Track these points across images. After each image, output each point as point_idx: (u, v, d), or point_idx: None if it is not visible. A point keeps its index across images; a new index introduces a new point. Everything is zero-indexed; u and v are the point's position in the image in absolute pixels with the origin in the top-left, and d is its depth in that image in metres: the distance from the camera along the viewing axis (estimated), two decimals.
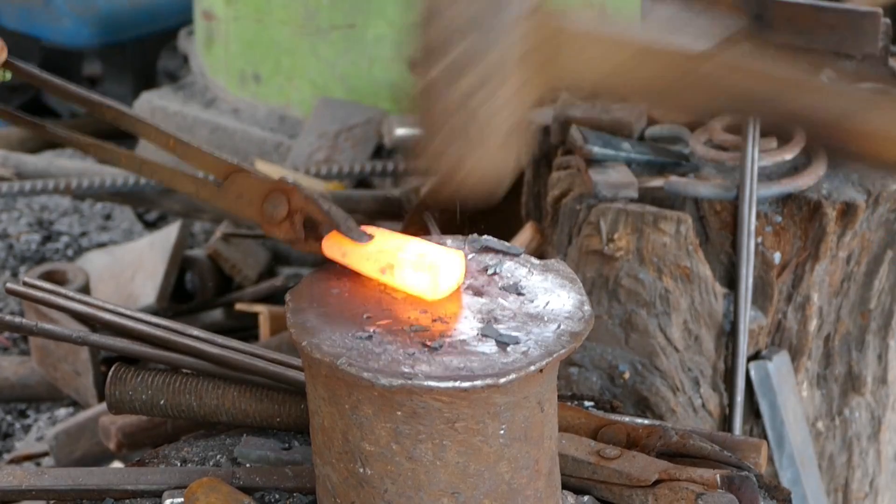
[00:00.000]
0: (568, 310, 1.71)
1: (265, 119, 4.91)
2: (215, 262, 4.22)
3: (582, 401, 2.18)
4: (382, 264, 1.74)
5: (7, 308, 4.36)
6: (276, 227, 1.82)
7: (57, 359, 3.78)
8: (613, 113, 2.77)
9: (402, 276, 1.73)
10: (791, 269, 2.64)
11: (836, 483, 2.82)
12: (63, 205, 5.04)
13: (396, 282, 1.73)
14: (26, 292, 2.11)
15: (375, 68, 4.71)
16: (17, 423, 3.90)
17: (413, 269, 1.72)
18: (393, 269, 1.73)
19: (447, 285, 1.73)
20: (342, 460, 1.69)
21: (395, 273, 1.73)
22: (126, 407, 2.06)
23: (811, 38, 2.85)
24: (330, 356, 1.61)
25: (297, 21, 4.76)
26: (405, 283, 1.73)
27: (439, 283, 1.71)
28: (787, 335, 2.69)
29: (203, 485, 1.81)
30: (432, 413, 1.62)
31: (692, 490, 1.83)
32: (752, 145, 2.58)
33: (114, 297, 4.02)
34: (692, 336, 2.64)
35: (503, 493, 1.69)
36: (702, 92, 1.78)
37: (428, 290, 1.71)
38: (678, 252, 2.59)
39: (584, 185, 2.67)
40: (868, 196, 2.61)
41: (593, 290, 2.65)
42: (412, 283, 1.72)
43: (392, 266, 1.73)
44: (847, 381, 2.76)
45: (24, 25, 5.70)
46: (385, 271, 1.73)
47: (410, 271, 1.72)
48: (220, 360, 2.04)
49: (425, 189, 3.87)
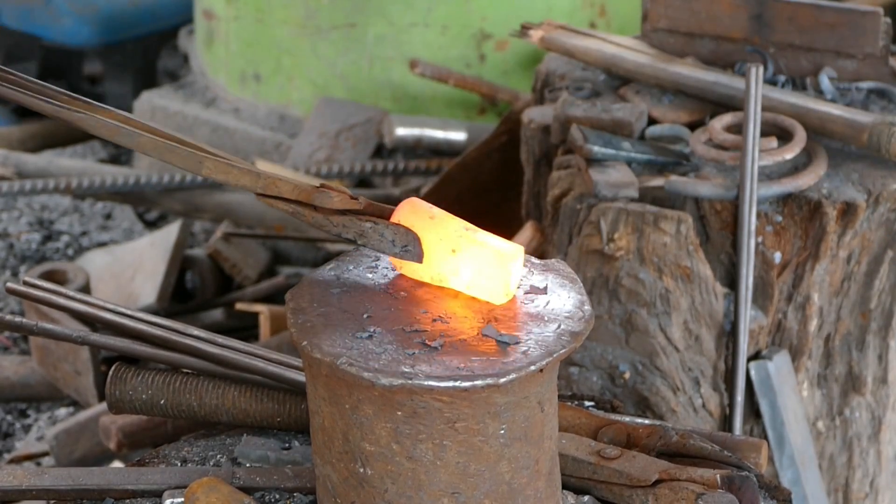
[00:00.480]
0: (568, 309, 1.71)
1: (265, 118, 4.91)
2: (216, 262, 4.22)
3: (582, 401, 2.18)
4: (443, 277, 1.73)
5: (7, 308, 4.36)
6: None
7: (57, 358, 3.78)
8: (614, 112, 2.77)
9: (473, 281, 1.72)
10: (791, 268, 2.64)
11: (836, 483, 2.82)
12: (63, 204, 5.04)
13: (466, 287, 1.73)
14: (26, 292, 2.11)
15: (376, 68, 4.72)
16: (17, 423, 3.90)
17: (479, 278, 1.71)
18: (459, 279, 1.72)
19: (516, 282, 1.72)
20: (342, 460, 1.69)
21: (465, 281, 1.72)
22: (126, 407, 2.06)
23: (811, 37, 2.85)
24: (330, 356, 1.61)
25: (298, 20, 4.76)
26: (473, 287, 1.72)
27: (511, 282, 1.71)
28: (788, 335, 2.69)
29: (203, 485, 1.81)
30: (432, 413, 1.62)
31: (692, 490, 1.83)
32: (752, 145, 2.58)
33: (114, 297, 4.02)
34: (692, 336, 2.64)
35: (503, 493, 1.69)
36: None
37: (501, 292, 1.71)
38: (678, 252, 2.59)
39: (585, 184, 2.67)
40: (868, 196, 2.61)
41: (594, 290, 2.65)
42: (482, 286, 1.72)
43: (457, 273, 1.72)
44: (847, 381, 2.76)
45: (24, 25, 5.70)
46: (447, 281, 1.73)
47: (478, 279, 1.71)
48: (220, 360, 2.04)
49: (425, 188, 3.87)
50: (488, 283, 1.70)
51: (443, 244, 1.72)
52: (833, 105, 2.74)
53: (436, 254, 1.73)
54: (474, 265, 1.71)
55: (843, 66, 2.85)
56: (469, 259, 1.71)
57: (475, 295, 1.71)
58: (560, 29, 3.11)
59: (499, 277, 1.70)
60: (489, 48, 4.65)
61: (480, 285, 1.71)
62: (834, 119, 2.70)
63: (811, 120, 2.71)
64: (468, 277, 1.71)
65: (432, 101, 4.71)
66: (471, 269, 1.71)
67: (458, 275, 1.71)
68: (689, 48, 2.97)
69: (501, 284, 1.70)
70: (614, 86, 3.00)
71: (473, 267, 1.71)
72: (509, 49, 4.65)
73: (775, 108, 2.73)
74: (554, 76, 3.05)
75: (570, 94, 2.91)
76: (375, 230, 1.74)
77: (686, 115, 2.86)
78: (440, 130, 4.53)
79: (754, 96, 2.60)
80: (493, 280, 1.70)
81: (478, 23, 4.63)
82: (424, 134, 4.52)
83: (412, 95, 4.72)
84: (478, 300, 1.72)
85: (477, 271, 1.71)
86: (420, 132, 4.52)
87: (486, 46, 4.65)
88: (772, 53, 2.89)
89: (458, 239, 1.71)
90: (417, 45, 4.64)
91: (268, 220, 4.31)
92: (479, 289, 1.71)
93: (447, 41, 4.64)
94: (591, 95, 2.94)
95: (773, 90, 2.79)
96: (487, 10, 4.63)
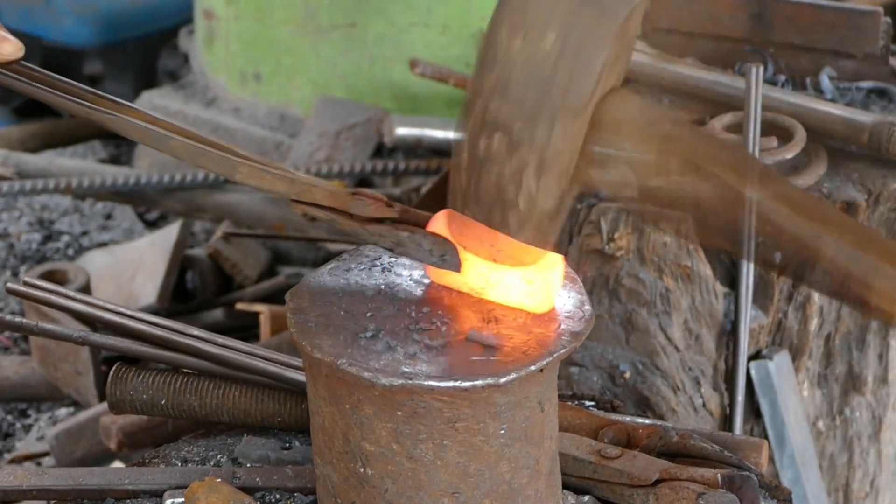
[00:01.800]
0: (568, 309, 1.71)
1: (266, 118, 4.91)
2: (216, 262, 4.22)
3: (582, 400, 2.18)
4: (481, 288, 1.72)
5: (7, 308, 4.36)
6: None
7: (57, 358, 3.78)
8: None
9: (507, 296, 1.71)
10: None
11: (836, 483, 2.82)
12: (63, 204, 5.04)
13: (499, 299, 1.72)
14: (27, 292, 2.11)
15: (376, 67, 4.72)
16: (17, 423, 3.90)
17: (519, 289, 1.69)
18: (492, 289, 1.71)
19: (554, 295, 1.71)
20: (343, 460, 1.69)
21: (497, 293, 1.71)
22: (127, 407, 2.06)
23: (811, 37, 2.85)
24: (330, 356, 1.61)
25: (298, 20, 4.76)
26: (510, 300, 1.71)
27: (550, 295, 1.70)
28: (788, 334, 2.69)
29: (204, 485, 1.81)
30: (433, 413, 1.62)
31: (693, 489, 1.83)
32: (752, 144, 2.58)
33: (114, 297, 4.02)
34: (693, 335, 2.64)
35: (503, 492, 1.69)
36: (747, 223, 1.72)
37: (539, 304, 1.70)
38: (679, 251, 2.59)
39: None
40: (868, 195, 2.61)
41: (594, 290, 2.65)
42: (518, 300, 1.70)
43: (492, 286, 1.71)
44: (848, 380, 2.76)
45: (24, 25, 5.70)
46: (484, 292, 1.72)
47: (516, 291, 1.70)
48: (220, 360, 2.04)
49: (425, 188, 3.87)
50: (527, 295, 1.70)
51: (480, 255, 1.71)
52: (833, 105, 2.74)
53: (473, 265, 1.71)
54: (513, 278, 1.70)
55: (843, 66, 2.85)
56: (507, 272, 1.70)
57: (516, 306, 1.70)
58: None
59: (539, 288, 1.69)
60: None
61: (520, 297, 1.70)
62: (834, 119, 2.70)
63: (811, 119, 2.71)
64: (507, 290, 1.70)
65: (432, 100, 4.71)
66: (509, 282, 1.70)
67: (497, 286, 1.70)
68: (688, 48, 2.97)
69: (542, 294, 1.69)
70: None
71: (512, 280, 1.70)
72: None
73: (775, 107, 2.73)
74: None
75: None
76: (413, 240, 1.71)
77: (686, 114, 2.85)
78: (440, 130, 4.53)
79: (754, 96, 2.60)
80: (533, 292, 1.69)
81: (478, 23, 4.63)
82: (425, 134, 4.52)
83: (412, 95, 4.71)
84: (477, 300, 1.72)
85: (515, 285, 1.70)
86: (420, 132, 4.52)
87: None
88: (772, 53, 2.89)
89: (495, 252, 1.69)
90: (418, 45, 4.64)
91: (268, 219, 4.30)
92: (518, 300, 1.70)
93: (447, 41, 4.64)
94: None
95: (773, 90, 2.79)
96: (487, 10, 4.58)
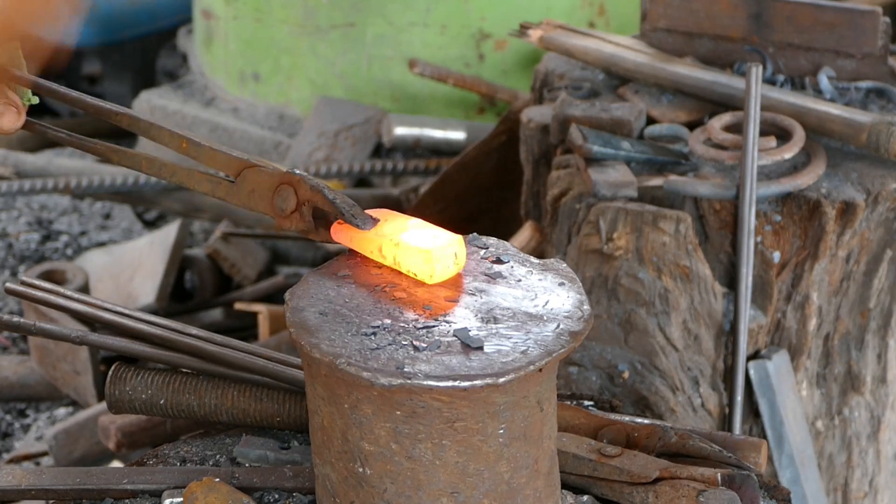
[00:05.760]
0: (567, 309, 1.71)
1: (264, 118, 4.91)
2: (215, 262, 4.22)
3: (581, 400, 2.18)
4: (384, 246, 1.75)
5: (6, 307, 4.36)
6: (286, 219, 1.82)
7: (56, 358, 3.78)
8: (613, 112, 2.77)
9: (403, 258, 1.73)
10: (790, 268, 2.64)
11: (835, 482, 2.82)
12: (62, 204, 5.04)
13: (399, 264, 1.74)
14: (25, 292, 2.11)
15: (374, 67, 4.72)
16: (16, 423, 3.90)
17: (413, 251, 1.72)
18: (394, 251, 1.74)
19: (447, 268, 1.73)
20: (341, 460, 1.69)
21: (397, 255, 1.74)
22: (126, 406, 2.06)
23: (810, 36, 2.86)
24: (329, 356, 1.61)
25: (297, 20, 4.76)
26: (406, 265, 1.74)
27: (436, 267, 1.72)
28: (787, 334, 2.69)
29: (202, 484, 1.81)
30: (431, 413, 1.62)
31: (694, 487, 1.83)
32: (751, 144, 2.58)
33: (113, 297, 4.02)
34: (692, 335, 2.65)
35: (502, 492, 1.69)
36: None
37: (427, 271, 1.72)
38: (677, 251, 2.59)
39: (584, 184, 2.67)
40: (867, 195, 2.61)
41: (593, 290, 2.65)
42: (412, 265, 1.73)
43: (395, 247, 1.74)
44: (846, 380, 2.76)
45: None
46: (386, 253, 1.74)
47: (411, 253, 1.72)
48: (219, 360, 2.04)
49: (424, 188, 3.87)
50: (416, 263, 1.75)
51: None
52: (832, 105, 2.74)
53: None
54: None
55: (842, 66, 2.85)
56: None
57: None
58: (559, 28, 3.11)
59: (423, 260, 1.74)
60: (488, 48, 4.65)
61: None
62: (833, 118, 2.70)
63: (810, 119, 2.71)
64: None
65: (431, 100, 4.71)
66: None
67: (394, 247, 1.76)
68: (688, 48, 2.97)
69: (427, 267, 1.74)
70: (613, 85, 3.00)
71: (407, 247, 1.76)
72: (508, 49, 4.65)
73: (774, 107, 2.73)
74: (553, 76, 3.05)
75: (568, 93, 2.91)
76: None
77: (685, 114, 2.86)
78: (439, 130, 4.53)
79: (753, 96, 2.60)
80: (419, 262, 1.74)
81: (477, 22, 4.63)
82: (423, 133, 4.52)
83: (411, 95, 4.72)
84: (478, 299, 1.72)
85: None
86: (419, 132, 4.52)
87: (485, 46, 4.65)
88: (771, 53, 2.89)
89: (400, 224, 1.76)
90: (416, 45, 4.64)
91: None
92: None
93: (446, 41, 4.64)
94: (590, 95, 2.94)
95: (773, 90, 2.79)
96: (486, 9, 4.63)
